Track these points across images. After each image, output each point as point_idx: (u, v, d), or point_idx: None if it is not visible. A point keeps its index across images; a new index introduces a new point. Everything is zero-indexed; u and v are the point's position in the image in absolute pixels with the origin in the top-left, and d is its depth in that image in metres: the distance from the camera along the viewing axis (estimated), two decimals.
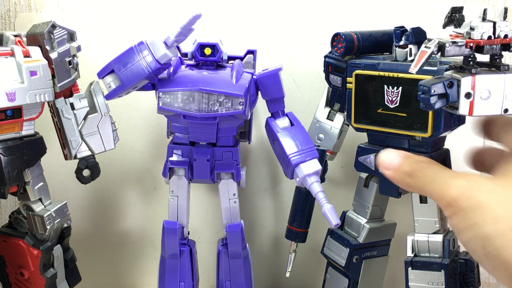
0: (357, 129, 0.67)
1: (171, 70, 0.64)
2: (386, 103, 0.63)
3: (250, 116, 0.73)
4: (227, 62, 0.71)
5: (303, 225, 0.75)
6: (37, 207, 0.67)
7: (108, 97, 0.61)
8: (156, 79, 0.63)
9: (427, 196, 0.64)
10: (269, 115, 0.68)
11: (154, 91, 0.64)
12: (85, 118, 0.68)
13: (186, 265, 0.72)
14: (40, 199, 0.68)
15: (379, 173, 0.58)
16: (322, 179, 0.67)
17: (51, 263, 0.70)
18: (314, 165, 0.64)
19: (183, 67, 0.68)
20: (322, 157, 0.71)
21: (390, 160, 0.54)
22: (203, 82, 0.62)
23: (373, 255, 0.73)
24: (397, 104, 0.62)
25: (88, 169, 0.69)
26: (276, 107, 0.67)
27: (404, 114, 0.62)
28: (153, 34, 0.59)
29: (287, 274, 0.77)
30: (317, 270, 0.88)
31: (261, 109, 0.80)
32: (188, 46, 0.70)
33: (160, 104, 0.63)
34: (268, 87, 0.66)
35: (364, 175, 0.71)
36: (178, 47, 0.72)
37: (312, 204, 0.75)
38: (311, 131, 0.73)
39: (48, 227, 0.66)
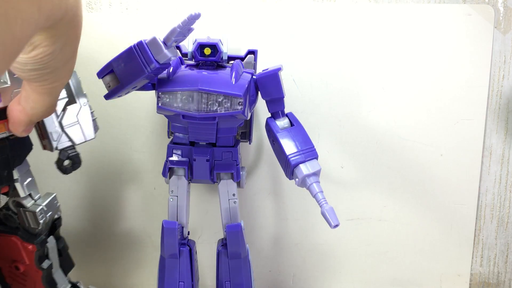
0: None
1: (171, 70, 0.64)
2: None
3: (250, 116, 0.73)
4: (228, 62, 0.71)
5: None
6: (28, 203, 0.67)
7: (108, 97, 0.61)
8: (156, 79, 0.63)
9: None
10: (269, 115, 0.68)
11: (154, 91, 0.64)
12: (64, 109, 0.67)
13: (185, 265, 0.72)
14: (30, 194, 0.67)
15: None
16: None
17: (45, 254, 0.70)
18: (313, 165, 0.64)
19: (183, 67, 0.68)
20: None
21: None
22: (202, 82, 0.62)
23: None
24: None
25: (70, 160, 0.69)
26: (276, 107, 0.67)
27: None
28: (152, 34, 0.59)
29: None
30: (317, 270, 0.88)
31: (261, 109, 0.80)
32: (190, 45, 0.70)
33: (160, 104, 0.63)
34: (268, 87, 0.66)
35: None
36: (179, 47, 0.72)
37: None
38: None
39: (41, 221, 0.66)
